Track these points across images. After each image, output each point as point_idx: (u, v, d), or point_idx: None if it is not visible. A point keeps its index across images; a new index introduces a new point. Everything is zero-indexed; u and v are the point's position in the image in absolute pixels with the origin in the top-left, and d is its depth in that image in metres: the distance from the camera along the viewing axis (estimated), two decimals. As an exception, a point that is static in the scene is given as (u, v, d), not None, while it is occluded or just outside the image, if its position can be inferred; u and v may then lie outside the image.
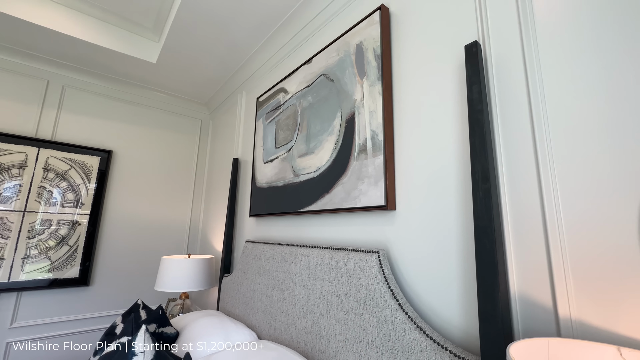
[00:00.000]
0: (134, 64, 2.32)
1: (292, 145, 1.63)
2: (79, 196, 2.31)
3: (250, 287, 1.64)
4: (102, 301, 2.32)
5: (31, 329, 2.06)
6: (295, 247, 1.40)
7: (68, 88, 2.39)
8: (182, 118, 2.92)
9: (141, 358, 0.98)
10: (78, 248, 2.26)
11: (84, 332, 2.23)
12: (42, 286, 2.10)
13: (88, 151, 2.39)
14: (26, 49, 2.16)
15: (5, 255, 2.01)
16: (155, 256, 2.60)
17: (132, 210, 2.54)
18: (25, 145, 2.16)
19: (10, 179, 2.09)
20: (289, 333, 1.30)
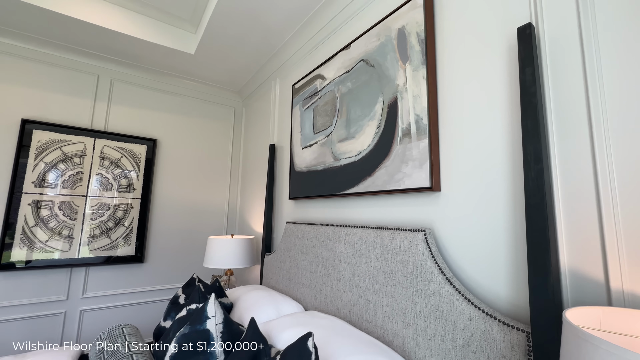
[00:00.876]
0: (173, 55, 2.44)
1: (331, 130, 1.70)
2: (130, 182, 2.52)
3: (294, 264, 1.77)
4: (155, 276, 2.57)
5: (98, 299, 2.33)
6: (338, 227, 1.49)
7: (116, 81, 2.56)
8: (217, 106, 3.04)
9: (213, 321, 1.13)
10: (132, 229, 2.49)
11: (141, 303, 2.49)
12: (105, 262, 2.35)
13: (136, 140, 2.57)
14: (77, 45, 2.32)
15: (74, 234, 2.26)
16: (198, 236, 2.80)
17: (176, 194, 2.73)
18: (83, 135, 2.37)
19: (73, 167, 2.31)
20: (335, 305, 1.41)
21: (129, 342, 1.27)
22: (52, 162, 2.24)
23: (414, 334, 1.04)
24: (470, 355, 0.88)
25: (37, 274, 2.15)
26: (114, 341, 1.29)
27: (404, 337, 1.07)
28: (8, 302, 2.04)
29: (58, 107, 2.32)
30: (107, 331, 1.39)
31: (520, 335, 0.80)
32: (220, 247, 2.15)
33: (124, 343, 1.26)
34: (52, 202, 2.22)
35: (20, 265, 2.07)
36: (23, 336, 2.07)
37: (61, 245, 2.21)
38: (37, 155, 2.20)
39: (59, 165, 2.26)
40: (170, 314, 1.50)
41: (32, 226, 2.14)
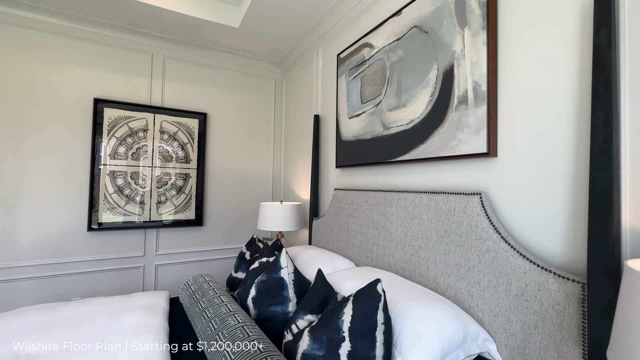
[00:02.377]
0: (219, 30, 2.51)
1: (380, 99, 1.74)
2: (187, 153, 2.76)
3: (343, 227, 1.92)
4: (212, 238, 2.87)
5: (168, 256, 2.68)
6: (389, 192, 1.59)
7: (167, 59, 2.71)
8: (258, 79, 3.13)
9: (286, 270, 1.31)
10: (192, 196, 2.77)
11: (203, 261, 2.83)
12: (171, 225, 2.66)
13: (189, 114, 2.77)
14: (133, 25, 2.47)
15: (145, 200, 2.57)
16: (246, 202, 3.04)
17: (226, 164, 2.95)
18: (144, 112, 2.59)
19: (138, 141, 2.57)
20: (386, 262, 1.55)
21: (213, 287, 1.51)
22: (121, 136, 2.50)
23: (467, 286, 1.15)
24: (524, 303, 0.98)
25: (119, 234, 2.50)
26: (201, 286, 1.54)
27: (457, 288, 1.19)
28: (100, 256, 2.42)
29: (121, 86, 2.53)
30: (192, 279, 1.65)
31: (575, 286, 0.88)
32: (271, 212, 2.35)
33: (209, 287, 1.50)
34: (125, 172, 2.51)
35: (106, 226, 2.42)
36: (114, 285, 2.47)
37: (136, 210, 2.54)
38: (109, 131, 2.46)
39: (127, 139, 2.52)
40: (240, 267, 1.73)
41: (112, 193, 2.46)
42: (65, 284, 2.32)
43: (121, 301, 1.52)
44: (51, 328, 1.26)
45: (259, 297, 1.30)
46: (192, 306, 1.42)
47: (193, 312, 1.37)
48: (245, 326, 1.10)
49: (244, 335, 1.04)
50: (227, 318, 1.17)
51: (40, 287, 2.25)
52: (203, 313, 1.28)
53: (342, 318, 0.95)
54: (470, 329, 1.02)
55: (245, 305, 1.35)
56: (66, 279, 2.33)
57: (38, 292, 2.24)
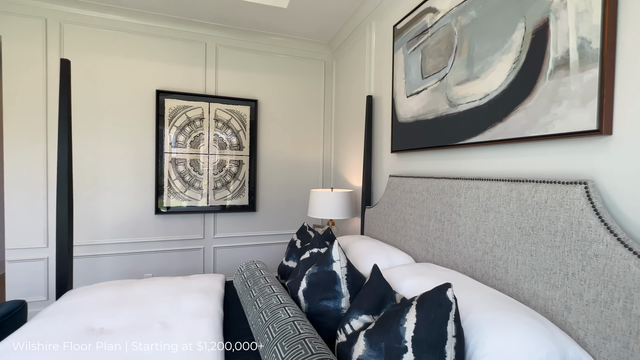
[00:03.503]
0: (268, 12, 2.44)
1: (445, 72, 1.50)
2: (240, 140, 2.80)
3: (400, 217, 1.76)
4: (265, 223, 2.92)
5: (225, 240, 2.81)
6: (456, 180, 1.38)
7: (220, 47, 2.74)
8: (307, 62, 3.02)
9: (338, 264, 1.22)
10: (245, 182, 2.83)
11: (257, 245, 2.90)
12: (227, 210, 2.76)
13: (241, 102, 2.79)
14: (186, 16, 2.53)
15: (202, 186, 2.70)
16: (297, 189, 3.02)
17: (276, 150, 2.94)
18: (200, 101, 2.68)
19: (195, 129, 2.68)
20: (451, 259, 1.37)
21: (264, 275, 1.49)
22: (180, 125, 2.63)
23: (562, 296, 0.93)
24: (652, 328, 0.75)
25: (181, 218, 2.67)
26: (252, 273, 1.54)
27: (547, 298, 0.97)
28: (166, 237, 2.63)
29: (178, 76, 2.64)
30: (245, 265, 1.66)
31: None
32: (322, 200, 2.28)
33: (261, 275, 1.48)
34: (185, 159, 2.65)
35: (170, 210, 2.60)
36: (179, 264, 2.67)
37: (195, 195, 2.67)
38: (170, 120, 2.60)
39: (185, 128, 2.64)
40: (291, 255, 1.70)
41: (174, 179, 2.62)
42: (139, 261, 2.57)
43: (182, 283, 1.60)
44: (122, 305, 1.36)
45: (310, 290, 1.23)
46: (244, 293, 1.42)
47: (245, 299, 1.36)
48: (296, 321, 1.04)
49: (295, 331, 0.98)
50: (277, 310, 1.12)
51: (118, 263, 2.52)
52: (254, 302, 1.26)
53: (403, 325, 0.83)
54: (569, 352, 0.82)
55: (296, 297, 1.30)
56: (139, 257, 2.57)
57: (117, 267, 2.52)
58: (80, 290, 1.50)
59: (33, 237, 2.32)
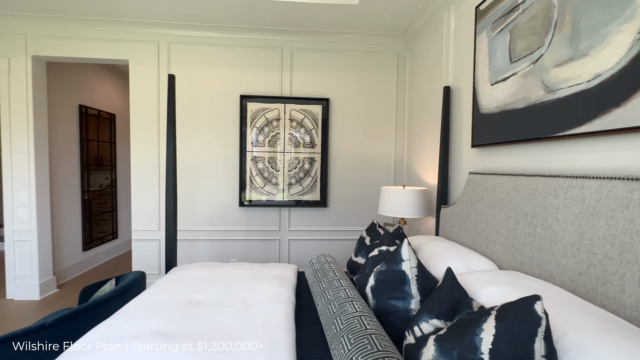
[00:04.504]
0: (339, 11, 2.47)
1: (541, 53, 1.30)
2: (312, 139, 2.92)
3: (481, 218, 1.59)
4: (336, 219, 2.99)
5: (299, 233, 2.97)
6: (553, 178, 1.18)
7: (294, 50, 2.90)
8: (379, 56, 2.96)
9: (408, 264, 1.18)
10: (317, 179, 2.94)
11: (327, 240, 2.99)
12: (300, 205, 2.92)
13: (313, 101, 2.90)
14: (265, 25, 2.74)
15: (279, 182, 2.91)
16: (368, 186, 3.00)
17: (347, 147, 2.97)
18: (276, 103, 2.88)
19: (273, 129, 2.89)
20: (545, 270, 1.18)
21: (333, 269, 1.54)
22: (260, 126, 2.88)
23: None
24: None
25: (260, 210, 2.93)
26: (322, 266, 1.60)
27: (684, 329, 0.77)
28: (248, 228, 2.92)
29: (259, 81, 2.88)
30: (315, 257, 1.74)
31: None
32: (393, 197, 2.22)
33: (330, 269, 1.53)
34: (263, 157, 2.89)
35: (251, 203, 2.88)
36: (258, 253, 2.94)
37: (273, 190, 2.90)
38: (251, 122, 2.87)
39: (264, 128, 2.88)
40: (360, 252, 1.71)
41: (254, 176, 2.89)
42: (225, 247, 2.92)
43: (260, 269, 1.76)
44: (213, 283, 1.57)
45: (378, 287, 1.22)
46: (314, 284, 1.49)
47: (315, 290, 1.43)
48: (362, 316, 1.05)
49: (361, 326, 0.99)
50: (345, 304, 1.15)
51: (209, 247, 2.91)
52: (323, 293, 1.32)
53: (480, 335, 0.76)
54: None
55: (364, 294, 1.31)
56: (226, 243, 2.92)
57: (209, 251, 2.91)
58: (181, 268, 1.79)
59: (150, 222, 2.86)
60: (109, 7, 2.48)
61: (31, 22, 2.66)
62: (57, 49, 2.72)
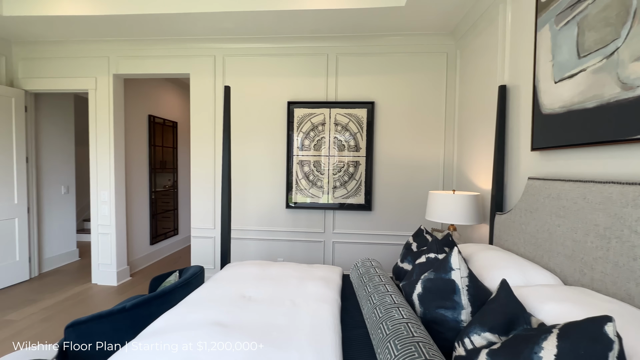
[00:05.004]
0: (385, 14, 2.46)
1: (616, 46, 1.16)
2: (357, 142, 2.94)
3: (542, 228, 1.47)
4: (380, 223, 2.96)
5: (343, 236, 3.00)
6: (632, 185, 1.06)
7: (340, 56, 2.95)
8: (427, 56, 2.87)
9: (458, 273, 1.14)
10: (362, 182, 2.94)
11: (371, 244, 2.98)
12: (345, 208, 2.95)
13: (358, 105, 2.92)
14: (310, 33, 2.82)
15: (323, 185, 2.97)
16: (414, 190, 2.92)
17: (393, 151, 2.93)
18: (322, 108, 2.95)
19: (318, 134, 2.97)
20: (621, 288, 1.06)
21: (379, 273, 1.54)
22: (306, 131, 2.97)
23: None
24: None
25: (306, 212, 3.03)
26: (367, 270, 1.61)
27: None
28: (294, 229, 3.03)
29: (305, 87, 2.98)
30: (360, 261, 1.75)
31: None
32: (442, 203, 2.14)
33: (375, 273, 1.54)
34: (309, 161, 2.98)
35: (297, 205, 2.99)
36: (303, 254, 3.04)
37: (317, 193, 2.97)
38: (297, 127, 2.98)
39: (310, 133, 2.97)
40: (406, 258, 1.68)
41: (300, 179, 2.99)
42: (273, 246, 3.06)
43: (306, 270, 1.83)
44: (263, 280, 1.68)
45: (426, 295, 1.20)
46: (359, 288, 1.50)
47: (360, 294, 1.45)
48: (409, 323, 1.04)
49: (408, 333, 0.99)
50: (391, 309, 1.15)
51: (258, 246, 3.07)
52: (369, 298, 1.33)
53: (539, 354, 0.72)
54: None
55: (411, 300, 1.29)
56: (273, 243, 3.07)
57: (258, 249, 3.08)
58: (235, 265, 1.93)
59: (206, 220, 3.12)
60: (173, 28, 2.77)
61: (112, 46, 3.08)
62: (132, 67, 3.11)
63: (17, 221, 3.16)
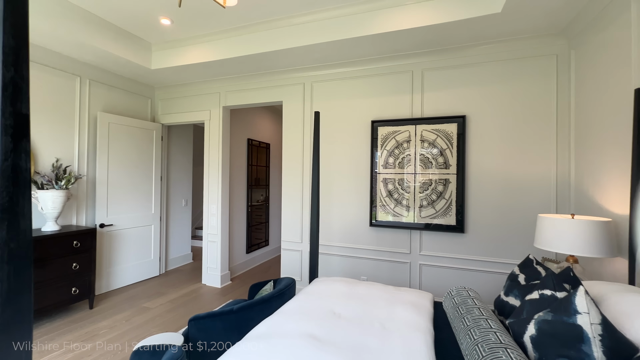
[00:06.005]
0: (478, 23, 2.31)
1: None
2: (446, 159, 2.77)
3: None
4: (475, 247, 2.68)
5: (430, 258, 2.82)
6: None
7: (425, 71, 2.87)
8: (531, 62, 2.56)
9: (587, 319, 0.96)
10: (452, 201, 2.74)
11: (464, 270, 2.71)
12: (432, 228, 2.78)
13: (447, 120, 2.77)
14: (393, 52, 2.84)
15: (409, 204, 2.88)
16: (517, 212, 2.56)
17: (489, 167, 2.65)
18: (406, 125, 2.90)
19: (403, 151, 2.92)
20: None
21: (478, 305, 1.40)
22: (390, 149, 2.95)
23: None
24: None
25: (390, 231, 2.96)
26: (464, 301, 1.48)
27: None
28: (377, 247, 2.99)
29: (388, 106, 2.99)
30: (455, 290, 1.63)
31: None
32: (556, 228, 1.82)
33: (474, 305, 1.41)
34: (394, 179, 2.94)
35: (381, 223, 2.96)
36: (387, 274, 2.96)
37: (402, 211, 2.89)
38: (382, 145, 2.99)
39: (394, 150, 2.94)
40: (512, 291, 1.49)
41: (384, 196, 2.97)
42: (356, 264, 3.08)
43: (394, 292, 1.79)
44: (351, 298, 1.71)
45: (542, 340, 1.04)
46: (455, 319, 1.39)
47: (457, 326, 1.34)
48: (522, 370, 0.92)
49: (522, 381, 0.87)
50: (497, 350, 1.03)
51: (342, 262, 3.13)
52: (468, 332, 1.22)
53: None
54: None
55: (521, 342, 1.13)
56: (357, 260, 3.08)
57: (341, 266, 3.13)
58: (323, 280, 2.02)
59: (294, 234, 3.35)
60: (269, 63, 3.16)
61: (222, 83, 3.68)
62: (236, 99, 3.64)
63: (152, 227, 3.97)
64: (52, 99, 2.97)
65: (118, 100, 3.62)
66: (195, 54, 3.13)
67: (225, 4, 1.90)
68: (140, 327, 2.63)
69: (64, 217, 3.07)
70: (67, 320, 2.73)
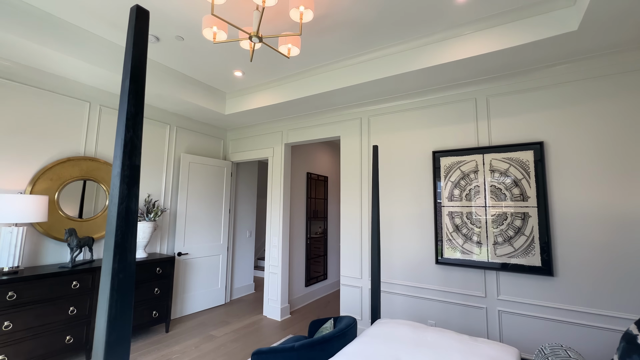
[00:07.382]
0: (549, 44, 2.15)
1: None
2: (523, 190, 2.48)
3: None
4: (569, 294, 2.26)
5: (511, 304, 2.45)
6: None
7: (491, 97, 2.72)
8: (618, 78, 2.25)
9: None
10: (534, 238, 2.40)
11: (555, 321, 2.28)
12: (510, 269, 2.44)
13: (520, 147, 2.52)
14: (453, 81, 2.75)
15: (481, 240, 2.60)
16: (626, 253, 2.12)
17: (581, 199, 2.29)
18: (473, 154, 2.72)
19: (470, 182, 2.71)
20: None
21: (583, 371, 1.15)
22: (455, 180, 2.78)
23: None
24: None
25: (460, 270, 2.69)
26: (563, 363, 1.23)
27: None
28: (445, 288, 2.72)
29: (451, 135, 2.86)
30: (549, 347, 1.38)
31: None
32: (686, 276, 1.45)
33: (577, 370, 1.16)
34: (461, 212, 2.72)
35: (448, 261, 2.71)
36: (459, 320, 2.64)
37: (473, 249, 2.62)
38: (445, 176, 2.83)
39: (460, 182, 2.75)
40: (630, 356, 1.19)
41: (452, 232, 2.74)
42: (422, 305, 2.83)
43: (470, 343, 1.58)
44: (419, 346, 1.55)
45: None
46: (553, 385, 1.16)
47: (557, 395, 1.11)
48: None
49: None
50: None
51: (406, 302, 2.91)
52: (573, 405, 1.00)
53: None
54: None
55: None
56: (422, 301, 2.83)
57: (405, 305, 2.90)
58: (386, 322, 1.89)
59: (354, 269, 3.26)
60: (327, 102, 3.33)
61: (284, 122, 3.98)
62: (297, 136, 3.88)
63: (220, 257, 4.26)
64: (149, 144, 3.55)
65: (197, 142, 4.15)
66: (261, 99, 3.48)
67: (289, 55, 2.11)
68: (207, 355, 2.75)
69: (150, 246, 3.50)
70: (147, 341, 2.99)
